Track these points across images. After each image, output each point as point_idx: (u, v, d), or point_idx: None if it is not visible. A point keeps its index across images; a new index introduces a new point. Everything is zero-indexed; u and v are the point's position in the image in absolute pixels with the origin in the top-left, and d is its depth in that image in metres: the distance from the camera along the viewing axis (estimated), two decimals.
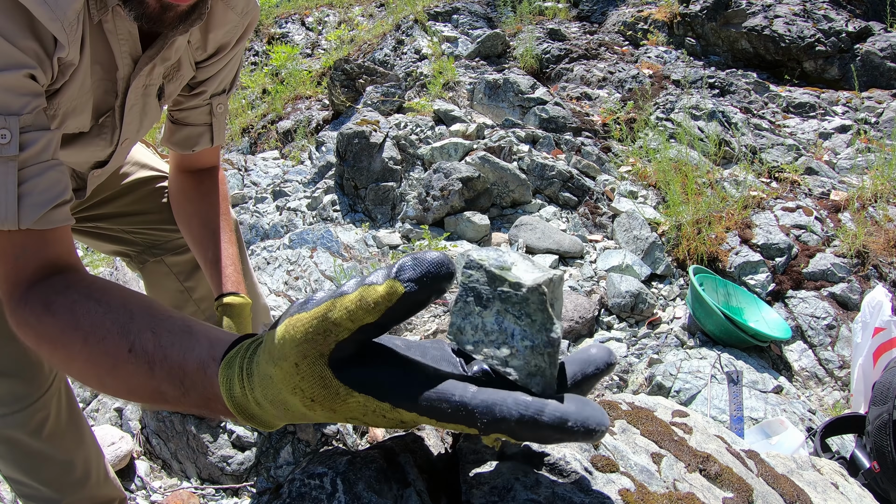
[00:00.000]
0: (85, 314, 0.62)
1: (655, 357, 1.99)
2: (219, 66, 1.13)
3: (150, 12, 0.84)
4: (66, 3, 0.71)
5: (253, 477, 1.80)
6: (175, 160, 1.27)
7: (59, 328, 0.63)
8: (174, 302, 1.40)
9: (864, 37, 4.61)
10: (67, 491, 1.24)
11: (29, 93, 0.71)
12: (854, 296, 2.37)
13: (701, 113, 3.65)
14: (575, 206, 2.92)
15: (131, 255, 1.39)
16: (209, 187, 1.25)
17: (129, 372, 0.58)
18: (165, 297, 1.40)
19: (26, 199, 0.68)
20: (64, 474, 1.22)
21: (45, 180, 0.71)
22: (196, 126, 1.19)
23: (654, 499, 0.80)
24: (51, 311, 0.64)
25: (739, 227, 2.63)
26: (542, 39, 4.90)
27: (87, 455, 1.26)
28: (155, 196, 1.34)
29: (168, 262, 1.37)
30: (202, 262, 1.17)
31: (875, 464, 1.42)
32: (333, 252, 2.71)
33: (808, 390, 2.12)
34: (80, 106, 0.89)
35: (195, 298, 1.40)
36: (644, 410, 1.14)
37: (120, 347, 0.59)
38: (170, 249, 1.37)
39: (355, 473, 0.74)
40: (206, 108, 1.18)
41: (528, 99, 3.94)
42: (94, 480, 1.29)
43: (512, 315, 0.49)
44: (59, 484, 1.22)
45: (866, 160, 3.33)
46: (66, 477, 1.23)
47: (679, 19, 5.09)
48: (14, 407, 1.10)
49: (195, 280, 1.40)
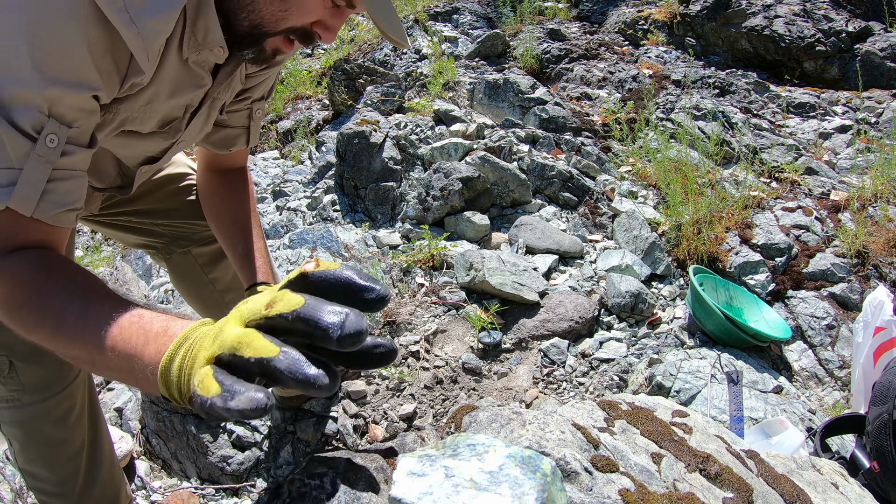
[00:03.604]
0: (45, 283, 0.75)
1: (655, 357, 1.99)
2: (264, 76, 1.19)
3: (265, 57, 0.94)
4: (155, 36, 0.79)
5: (253, 477, 1.80)
6: (206, 159, 1.32)
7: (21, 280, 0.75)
8: (199, 291, 1.47)
9: (864, 37, 4.61)
10: (81, 484, 1.26)
11: (86, 110, 0.78)
12: (854, 296, 2.37)
13: (701, 113, 3.65)
14: (575, 206, 2.92)
15: (158, 246, 1.45)
16: (238, 186, 1.31)
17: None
18: (190, 287, 1.47)
19: (47, 196, 0.76)
20: (80, 466, 1.24)
21: (67, 186, 0.79)
22: (234, 128, 1.24)
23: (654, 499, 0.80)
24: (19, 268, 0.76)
25: (739, 227, 2.63)
26: (542, 39, 4.90)
27: (101, 448, 1.29)
28: (183, 192, 1.40)
29: (194, 253, 1.44)
30: (232, 256, 1.24)
31: (875, 464, 1.42)
32: (333, 252, 2.71)
33: (808, 390, 2.12)
34: (141, 117, 0.94)
35: (219, 289, 1.47)
36: (644, 410, 1.14)
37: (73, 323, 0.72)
38: (196, 241, 1.43)
39: (355, 473, 0.74)
40: (247, 111, 1.23)
41: (528, 99, 3.94)
42: (106, 475, 1.31)
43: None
44: (73, 477, 1.24)
45: (866, 160, 3.33)
46: (82, 469, 1.25)
47: (679, 19, 5.09)
48: (44, 394, 1.13)
49: (219, 270, 1.46)
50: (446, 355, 2.14)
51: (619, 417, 1.05)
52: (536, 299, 2.25)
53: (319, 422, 1.88)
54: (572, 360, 2.09)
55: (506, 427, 0.90)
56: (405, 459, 0.71)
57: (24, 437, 1.18)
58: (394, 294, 2.44)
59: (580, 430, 0.93)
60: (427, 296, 2.40)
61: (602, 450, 0.90)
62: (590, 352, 2.11)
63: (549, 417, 0.93)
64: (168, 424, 1.89)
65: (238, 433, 1.83)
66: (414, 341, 2.19)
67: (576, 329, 2.17)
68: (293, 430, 1.89)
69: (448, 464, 0.69)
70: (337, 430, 1.86)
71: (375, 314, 2.33)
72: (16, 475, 1.83)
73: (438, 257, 2.56)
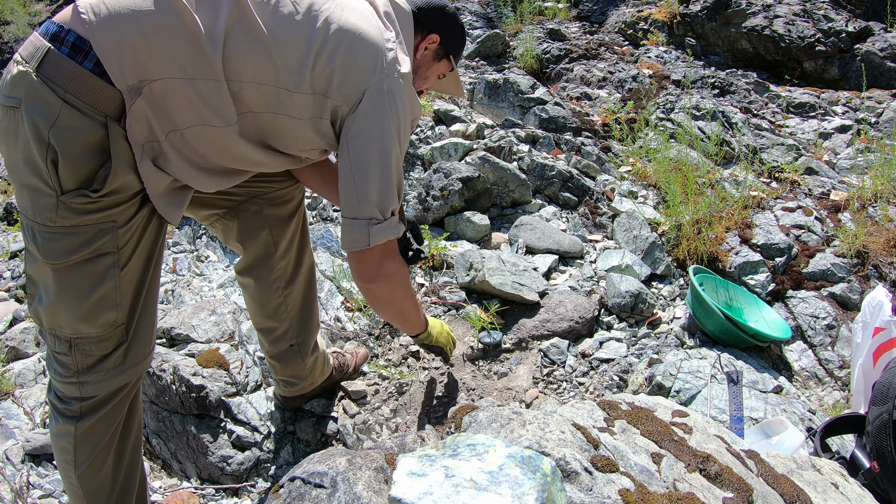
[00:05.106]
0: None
1: (655, 357, 1.99)
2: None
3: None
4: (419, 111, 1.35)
5: (253, 477, 1.80)
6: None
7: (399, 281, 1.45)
8: (260, 250, 1.56)
9: (864, 37, 4.61)
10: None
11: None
12: (854, 296, 2.37)
13: (701, 113, 3.66)
14: (575, 206, 2.92)
15: (228, 206, 1.51)
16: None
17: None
18: (255, 245, 1.55)
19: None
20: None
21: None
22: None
23: (654, 499, 0.80)
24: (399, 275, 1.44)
25: (739, 227, 2.63)
26: (542, 39, 4.90)
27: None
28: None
29: (265, 214, 1.53)
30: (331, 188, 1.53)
31: (875, 464, 1.42)
32: (333, 252, 2.71)
33: (808, 390, 2.12)
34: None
35: (278, 254, 1.57)
36: (644, 410, 1.14)
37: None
38: (269, 200, 1.52)
39: (355, 473, 0.74)
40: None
41: (528, 99, 3.94)
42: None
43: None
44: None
45: (866, 160, 3.33)
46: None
47: (679, 19, 5.09)
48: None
49: (281, 234, 1.56)
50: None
51: (619, 417, 1.05)
52: (536, 299, 2.25)
53: (319, 422, 1.88)
54: (572, 360, 2.09)
55: (506, 427, 0.90)
56: (405, 459, 0.71)
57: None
58: None
59: (580, 430, 0.93)
60: (427, 296, 2.40)
61: (602, 450, 0.90)
62: (590, 352, 2.11)
63: (549, 417, 0.93)
64: (168, 424, 1.89)
65: (238, 433, 1.83)
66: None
67: (576, 329, 2.18)
68: (293, 430, 1.89)
69: (448, 464, 0.69)
70: (337, 430, 1.86)
71: (375, 315, 2.33)
72: (16, 475, 1.83)
73: (438, 257, 2.56)
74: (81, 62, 1.03)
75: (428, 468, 0.68)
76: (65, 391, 1.26)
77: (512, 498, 0.65)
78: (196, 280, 2.82)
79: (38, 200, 1.08)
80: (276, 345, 1.68)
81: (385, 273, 1.36)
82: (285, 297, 1.61)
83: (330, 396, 1.96)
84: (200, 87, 1.10)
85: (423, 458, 0.71)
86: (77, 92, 1.03)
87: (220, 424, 1.85)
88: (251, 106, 1.16)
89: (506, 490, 0.66)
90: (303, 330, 1.68)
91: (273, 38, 1.13)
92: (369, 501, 0.69)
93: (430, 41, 1.42)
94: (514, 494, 0.65)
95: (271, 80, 1.14)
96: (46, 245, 1.11)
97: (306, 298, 1.67)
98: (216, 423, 1.85)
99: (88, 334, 1.20)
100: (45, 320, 1.20)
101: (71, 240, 1.11)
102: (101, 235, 1.13)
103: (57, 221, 1.09)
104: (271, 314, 1.63)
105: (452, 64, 1.51)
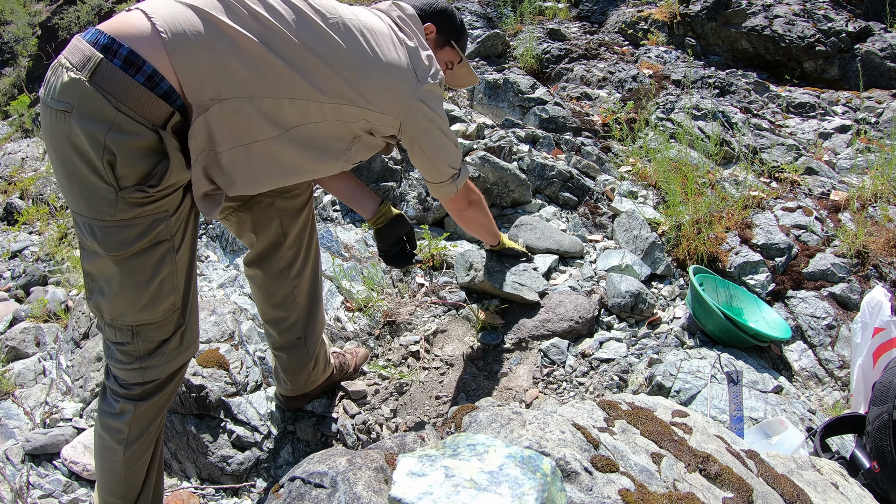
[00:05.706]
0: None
1: (655, 357, 1.99)
2: None
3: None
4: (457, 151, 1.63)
5: (253, 477, 1.80)
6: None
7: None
8: (270, 240, 1.62)
9: (864, 37, 4.61)
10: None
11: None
12: (854, 296, 2.37)
13: (701, 113, 3.65)
14: (575, 206, 2.92)
15: (242, 200, 1.56)
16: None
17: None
18: (266, 236, 1.62)
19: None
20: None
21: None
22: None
23: (654, 499, 0.80)
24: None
25: (739, 227, 2.63)
26: (542, 39, 4.90)
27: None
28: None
29: (277, 205, 1.59)
30: (344, 188, 1.71)
31: (875, 464, 1.42)
32: (333, 252, 2.71)
33: (808, 390, 2.12)
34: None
35: (286, 244, 1.63)
36: (644, 410, 1.14)
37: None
38: (281, 192, 1.58)
39: (355, 473, 0.74)
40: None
41: (528, 99, 3.94)
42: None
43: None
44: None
45: (866, 160, 3.33)
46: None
47: (679, 19, 5.09)
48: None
49: (291, 225, 1.63)
50: (446, 355, 2.14)
51: (619, 417, 1.05)
52: (536, 299, 2.25)
53: (319, 422, 1.88)
54: (572, 360, 2.09)
55: (506, 427, 0.90)
56: (405, 459, 0.71)
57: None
58: (394, 294, 2.44)
59: (580, 430, 0.93)
60: (427, 296, 2.40)
61: (602, 450, 0.90)
62: (590, 352, 2.11)
63: (549, 417, 0.93)
64: (168, 424, 1.89)
65: (238, 433, 1.83)
66: (414, 341, 2.19)
67: (576, 329, 2.18)
68: (293, 430, 1.89)
69: (448, 464, 0.70)
70: (337, 430, 1.86)
71: (375, 315, 2.33)
72: (16, 475, 1.83)
73: (438, 257, 2.56)
74: (134, 75, 1.08)
75: (428, 468, 0.68)
76: (127, 378, 1.33)
77: (512, 498, 0.65)
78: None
79: (94, 197, 1.14)
80: (284, 335, 1.71)
81: (473, 201, 1.84)
82: (293, 287, 1.67)
83: (330, 396, 1.96)
84: (265, 105, 1.20)
85: (423, 458, 0.71)
86: (130, 103, 1.08)
87: (220, 424, 1.85)
88: (310, 117, 1.27)
89: (506, 490, 0.66)
90: (309, 322, 1.72)
91: (329, 58, 1.25)
92: (369, 501, 0.69)
93: (427, 31, 1.55)
94: (514, 494, 0.65)
95: (333, 96, 1.26)
96: (107, 238, 1.18)
97: (312, 291, 1.72)
98: (216, 423, 1.85)
99: (150, 320, 1.27)
100: (107, 312, 1.27)
101: (129, 231, 1.18)
102: (156, 225, 1.20)
103: (116, 216, 1.15)
104: (279, 303, 1.67)
105: (458, 51, 1.64)
